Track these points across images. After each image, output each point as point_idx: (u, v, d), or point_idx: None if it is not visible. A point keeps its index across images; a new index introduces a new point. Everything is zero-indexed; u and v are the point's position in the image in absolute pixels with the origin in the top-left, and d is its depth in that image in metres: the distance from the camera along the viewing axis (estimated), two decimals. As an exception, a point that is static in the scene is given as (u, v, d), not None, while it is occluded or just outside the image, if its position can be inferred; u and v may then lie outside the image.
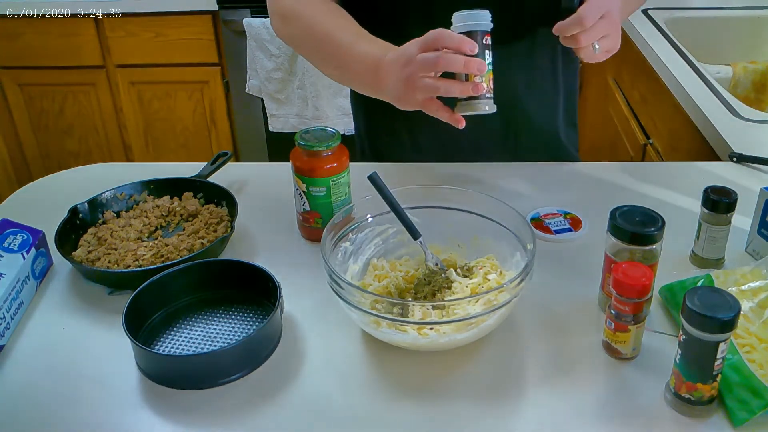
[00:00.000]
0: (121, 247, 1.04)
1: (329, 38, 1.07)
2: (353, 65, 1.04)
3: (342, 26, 1.07)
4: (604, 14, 0.96)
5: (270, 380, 0.85)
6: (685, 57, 1.77)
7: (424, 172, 1.25)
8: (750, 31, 2.06)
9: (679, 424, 0.77)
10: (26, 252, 0.97)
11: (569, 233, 1.08)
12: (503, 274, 0.93)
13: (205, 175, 1.21)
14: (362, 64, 1.02)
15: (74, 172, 1.33)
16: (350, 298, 0.84)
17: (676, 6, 2.10)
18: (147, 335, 0.91)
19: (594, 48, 0.97)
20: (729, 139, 1.35)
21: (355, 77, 1.06)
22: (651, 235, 0.86)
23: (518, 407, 0.81)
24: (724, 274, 0.89)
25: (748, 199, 1.03)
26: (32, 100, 2.70)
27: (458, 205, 0.99)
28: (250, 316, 0.94)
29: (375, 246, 1.00)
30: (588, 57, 0.99)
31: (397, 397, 0.82)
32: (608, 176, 1.24)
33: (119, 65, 2.61)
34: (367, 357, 0.88)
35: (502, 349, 0.89)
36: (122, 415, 0.81)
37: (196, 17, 2.50)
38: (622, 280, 0.80)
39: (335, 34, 1.06)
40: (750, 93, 1.82)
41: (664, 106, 1.71)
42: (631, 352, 0.85)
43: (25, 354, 0.90)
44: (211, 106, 2.68)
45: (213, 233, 1.08)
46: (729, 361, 0.78)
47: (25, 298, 0.96)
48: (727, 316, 0.71)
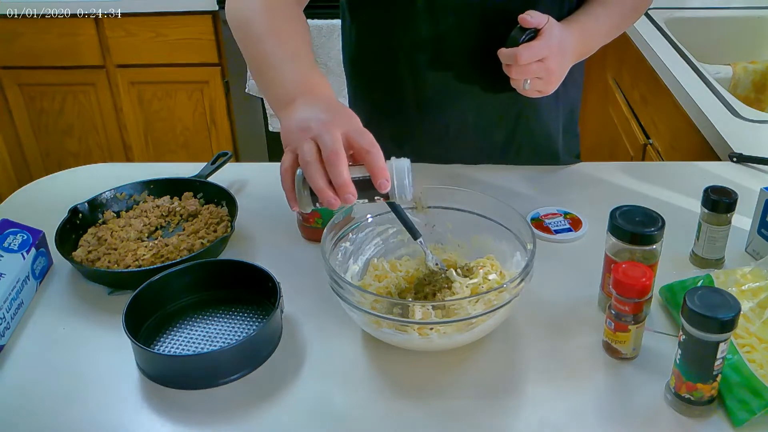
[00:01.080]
0: (121, 247, 1.04)
1: (262, 51, 0.96)
2: (271, 88, 0.93)
3: (279, 41, 0.97)
4: (542, 58, 1.01)
5: (270, 380, 0.85)
6: (685, 57, 1.77)
7: (424, 172, 1.25)
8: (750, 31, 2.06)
9: (679, 424, 0.77)
10: (26, 252, 0.97)
11: (569, 233, 1.08)
12: (503, 274, 0.93)
13: (205, 175, 1.21)
14: (278, 88, 0.92)
15: (74, 172, 1.33)
16: (350, 298, 0.84)
17: (676, 6, 2.10)
18: (147, 335, 0.91)
19: (525, 83, 1.03)
20: (729, 139, 1.35)
21: (271, 100, 0.94)
22: (651, 235, 0.86)
23: (518, 407, 0.81)
24: (724, 274, 0.89)
25: (748, 199, 1.03)
26: (32, 100, 2.70)
27: (458, 205, 0.99)
28: (250, 316, 0.94)
29: (375, 246, 1.00)
30: (518, 89, 1.05)
31: (397, 397, 0.82)
32: (608, 176, 1.24)
33: (119, 65, 2.61)
34: (367, 357, 0.88)
35: (502, 349, 0.89)
36: (122, 415, 0.81)
37: (196, 17, 2.50)
38: (622, 280, 0.80)
39: (267, 48, 0.96)
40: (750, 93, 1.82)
41: (664, 106, 1.71)
42: (631, 352, 0.85)
43: (25, 354, 0.90)
44: (211, 106, 2.68)
45: (213, 233, 1.08)
46: (729, 361, 0.78)
47: (25, 298, 0.96)
48: (727, 316, 0.71)
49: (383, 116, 1.28)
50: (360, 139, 0.79)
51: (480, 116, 1.22)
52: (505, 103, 1.20)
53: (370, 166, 0.78)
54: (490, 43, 1.05)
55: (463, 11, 1.11)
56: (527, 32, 1.01)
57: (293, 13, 1.03)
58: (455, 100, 1.20)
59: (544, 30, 1.02)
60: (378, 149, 0.79)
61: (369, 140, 0.79)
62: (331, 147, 0.77)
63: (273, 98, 0.91)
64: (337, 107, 0.85)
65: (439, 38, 1.14)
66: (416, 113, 1.23)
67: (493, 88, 1.16)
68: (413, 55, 1.17)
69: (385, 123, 1.29)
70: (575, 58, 1.10)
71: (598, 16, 1.11)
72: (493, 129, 1.24)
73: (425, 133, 1.25)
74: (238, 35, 1.01)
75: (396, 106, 1.24)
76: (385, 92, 1.25)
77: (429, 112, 1.22)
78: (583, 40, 1.09)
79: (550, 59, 1.02)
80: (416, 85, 1.20)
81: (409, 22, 1.14)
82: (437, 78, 1.18)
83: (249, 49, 0.98)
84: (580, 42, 1.09)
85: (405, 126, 1.26)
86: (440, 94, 1.20)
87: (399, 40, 1.17)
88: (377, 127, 0.83)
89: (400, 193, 0.80)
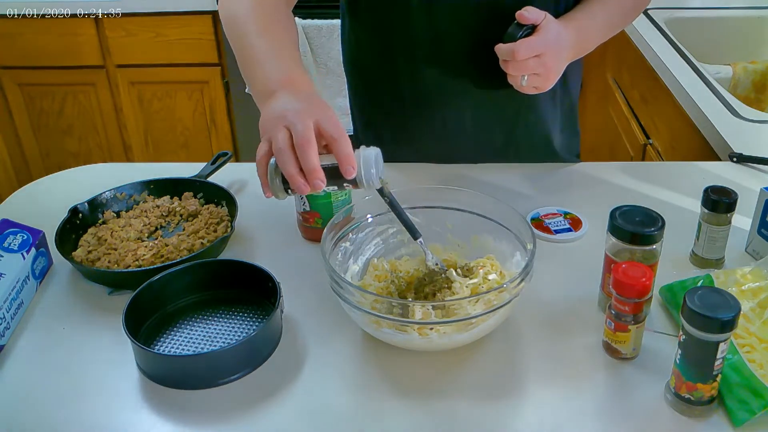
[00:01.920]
0: (121, 247, 1.04)
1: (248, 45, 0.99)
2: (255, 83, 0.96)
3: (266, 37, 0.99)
4: (539, 54, 1.01)
5: (270, 380, 0.85)
6: (685, 57, 1.77)
7: (424, 172, 1.25)
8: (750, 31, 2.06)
9: (679, 424, 0.77)
10: (26, 252, 0.97)
11: (569, 233, 1.08)
12: (503, 274, 0.93)
13: (205, 175, 1.21)
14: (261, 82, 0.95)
15: (74, 172, 1.33)
16: (350, 298, 0.84)
17: (676, 6, 2.10)
18: (147, 335, 0.91)
19: (522, 80, 1.03)
20: (729, 139, 1.35)
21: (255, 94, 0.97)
22: (651, 235, 0.86)
23: (518, 407, 0.81)
24: (724, 274, 0.89)
25: (748, 199, 1.03)
26: (32, 100, 2.70)
27: (458, 205, 0.99)
28: (250, 316, 0.94)
29: (375, 246, 1.00)
30: (515, 85, 1.05)
31: (397, 397, 0.82)
32: (608, 176, 1.24)
33: (119, 65, 2.61)
34: (367, 357, 0.88)
35: (502, 349, 0.89)
36: (122, 415, 0.81)
37: (196, 17, 2.50)
38: (622, 280, 0.80)
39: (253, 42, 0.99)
40: (750, 93, 1.82)
41: (664, 106, 1.71)
42: (631, 352, 0.85)
43: (25, 354, 0.90)
44: (211, 106, 2.68)
45: (213, 233, 1.08)
46: (729, 361, 0.78)
47: (25, 298, 0.96)
48: (727, 316, 0.71)
49: (383, 115, 1.28)
50: (330, 127, 0.81)
51: (478, 113, 1.22)
52: (503, 101, 1.20)
53: (337, 153, 0.81)
54: (486, 40, 1.05)
55: (460, 9, 1.11)
56: (524, 28, 1.02)
57: (281, 12, 1.06)
58: (453, 97, 1.20)
59: (541, 26, 1.02)
60: (345, 138, 0.81)
61: (338, 129, 0.82)
62: (302, 134, 0.80)
63: (256, 92, 0.94)
64: (312, 98, 0.87)
65: (436, 36, 1.14)
66: (415, 111, 1.23)
67: (490, 85, 1.16)
68: (410, 52, 1.18)
69: (385, 122, 1.29)
70: (573, 55, 1.10)
71: (595, 14, 1.12)
72: (492, 126, 1.24)
73: (425, 131, 1.26)
74: (227, 31, 1.04)
75: (395, 104, 1.25)
76: (384, 91, 1.25)
77: (427, 110, 1.23)
78: (580, 37, 1.09)
79: (547, 55, 1.02)
80: (414, 83, 1.21)
81: (406, 20, 1.14)
82: (435, 75, 1.18)
83: (236, 45, 1.01)
84: (577, 39, 1.09)
85: (404, 124, 1.26)
86: (438, 92, 1.20)
87: (396, 38, 1.18)
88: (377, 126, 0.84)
89: (367, 180, 0.83)
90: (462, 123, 1.23)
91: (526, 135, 1.26)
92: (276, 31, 1.01)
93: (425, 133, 1.26)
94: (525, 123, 1.24)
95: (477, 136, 1.25)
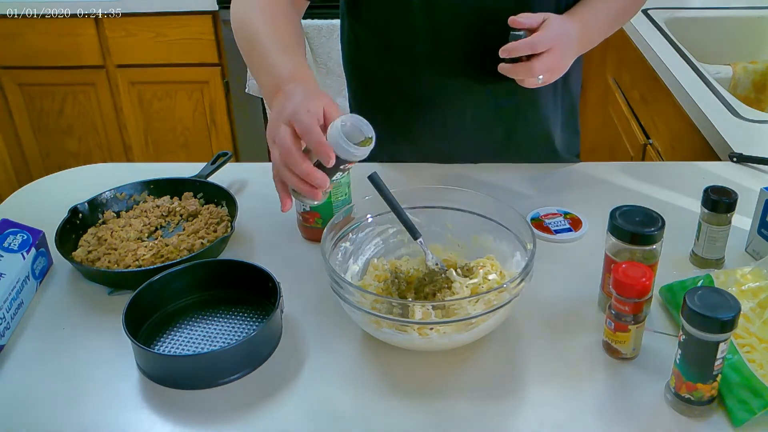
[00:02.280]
0: (121, 247, 1.04)
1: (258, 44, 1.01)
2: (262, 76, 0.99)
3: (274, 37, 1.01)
4: (550, 48, 1.01)
5: (270, 380, 0.85)
6: (685, 57, 1.77)
7: (424, 172, 1.25)
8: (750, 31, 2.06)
9: (679, 424, 0.77)
10: (26, 252, 0.97)
11: (569, 233, 1.08)
12: (503, 274, 0.93)
13: (205, 175, 1.21)
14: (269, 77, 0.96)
15: (74, 172, 1.33)
16: (350, 298, 0.84)
17: (676, 6, 2.10)
18: (147, 335, 0.91)
19: (538, 79, 1.02)
20: (729, 139, 1.35)
21: (263, 88, 1.00)
22: (651, 235, 0.86)
23: (518, 407, 0.81)
24: (724, 274, 0.89)
25: (748, 199, 1.03)
26: (32, 100, 2.70)
27: (458, 205, 0.99)
28: (250, 316, 0.94)
29: (375, 246, 1.00)
30: (529, 83, 1.03)
31: (397, 397, 0.82)
32: (608, 176, 1.24)
33: (119, 65, 2.61)
34: (367, 357, 0.88)
35: (502, 349, 0.89)
36: (122, 415, 0.81)
37: (196, 17, 2.50)
38: (622, 280, 0.80)
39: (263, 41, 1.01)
40: (750, 93, 1.82)
41: (664, 106, 1.71)
42: (631, 352, 0.85)
43: (25, 354, 0.90)
44: (211, 106, 2.68)
45: (213, 233, 1.08)
46: (729, 361, 0.78)
47: (25, 298, 0.96)
48: (727, 316, 0.71)
49: (383, 115, 1.28)
50: (299, 126, 0.82)
51: (478, 113, 1.22)
52: (503, 100, 1.20)
53: (311, 147, 0.81)
54: (485, 39, 1.05)
55: (459, 8, 1.11)
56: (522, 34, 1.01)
57: (291, 19, 1.08)
58: (453, 97, 1.20)
59: (545, 23, 1.02)
60: (312, 129, 0.81)
61: (303, 124, 0.81)
62: (283, 147, 0.81)
63: (264, 87, 0.96)
64: (293, 96, 0.86)
65: (435, 35, 1.14)
66: (415, 111, 1.23)
67: (489, 82, 1.16)
68: (410, 52, 1.18)
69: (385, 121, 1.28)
70: (579, 50, 1.10)
71: (596, 9, 1.12)
72: (492, 125, 1.24)
73: (425, 131, 1.26)
74: (238, 36, 1.05)
75: (395, 103, 1.25)
76: (384, 91, 1.25)
77: (427, 109, 1.23)
78: (584, 32, 1.09)
79: (556, 49, 1.02)
80: (414, 82, 1.21)
81: (406, 20, 1.15)
82: (435, 75, 1.19)
83: (246, 47, 1.02)
84: (583, 33, 1.08)
85: (404, 124, 1.26)
86: (438, 92, 1.20)
87: (396, 38, 1.18)
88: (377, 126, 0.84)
89: (345, 156, 0.82)
90: (462, 122, 1.23)
91: (527, 134, 1.26)
92: (285, 33, 1.03)
93: (425, 133, 1.26)
94: (525, 122, 1.24)
95: (477, 136, 1.25)
